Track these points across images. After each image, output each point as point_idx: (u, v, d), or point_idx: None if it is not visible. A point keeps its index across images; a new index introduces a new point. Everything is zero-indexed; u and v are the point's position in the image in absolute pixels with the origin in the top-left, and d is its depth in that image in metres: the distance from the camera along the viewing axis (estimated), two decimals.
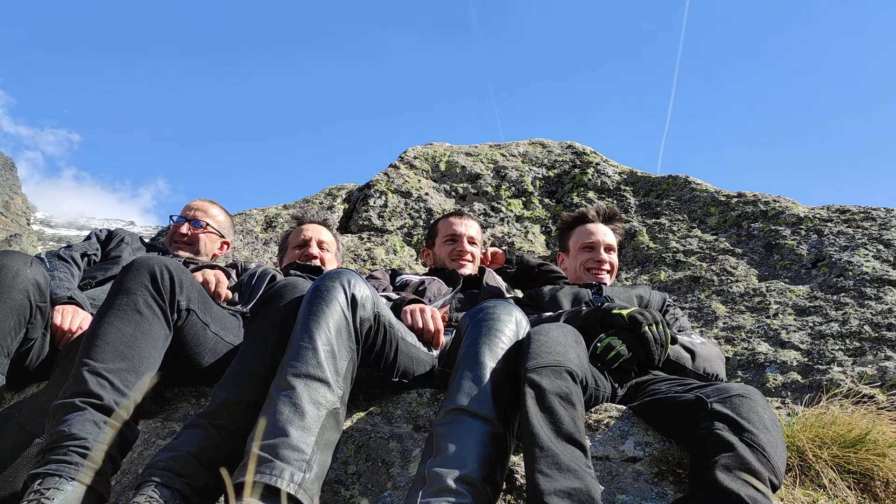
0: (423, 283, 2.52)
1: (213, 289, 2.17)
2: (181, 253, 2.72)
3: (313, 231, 2.78)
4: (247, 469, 1.34)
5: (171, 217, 2.87)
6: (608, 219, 2.72)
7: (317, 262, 2.67)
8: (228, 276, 2.30)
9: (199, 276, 2.18)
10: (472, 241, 2.88)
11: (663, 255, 3.65)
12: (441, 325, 2.04)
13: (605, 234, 2.65)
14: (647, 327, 1.87)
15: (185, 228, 2.77)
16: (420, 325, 1.99)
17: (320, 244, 2.74)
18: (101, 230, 2.75)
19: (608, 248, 2.63)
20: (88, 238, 2.69)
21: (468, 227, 2.91)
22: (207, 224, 2.83)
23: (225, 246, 2.92)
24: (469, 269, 2.82)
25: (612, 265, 2.62)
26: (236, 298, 2.30)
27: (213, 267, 2.26)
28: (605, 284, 2.53)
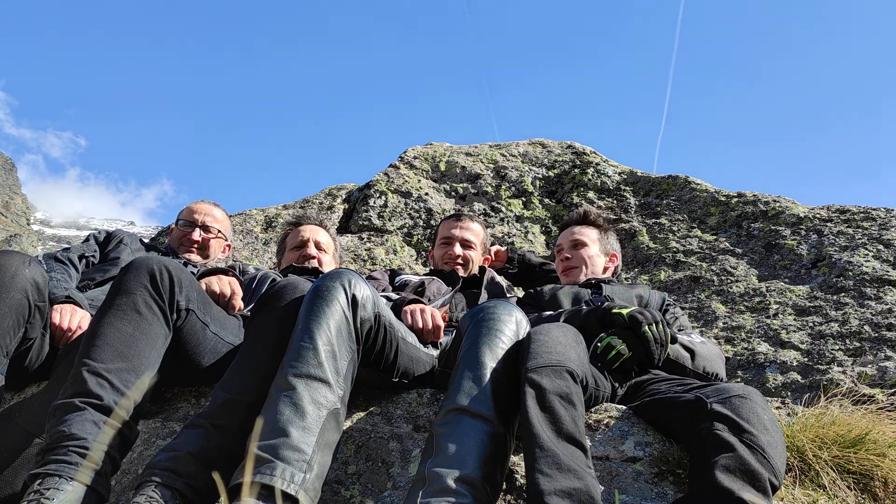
0: (422, 283, 2.51)
1: (227, 301, 2.05)
2: (192, 257, 2.72)
3: (311, 232, 2.78)
4: (246, 469, 1.34)
5: (177, 220, 2.86)
6: (580, 220, 2.75)
7: (314, 264, 2.67)
8: (241, 283, 2.17)
9: (213, 284, 2.05)
10: (466, 245, 2.82)
11: (663, 255, 3.65)
12: (441, 322, 2.03)
13: (573, 233, 2.70)
14: (647, 327, 1.86)
15: (196, 234, 2.75)
16: (420, 324, 1.99)
17: (317, 245, 2.74)
18: (99, 232, 2.75)
19: (574, 245, 2.66)
20: (87, 240, 2.69)
21: (463, 230, 2.85)
22: (219, 231, 2.83)
23: (227, 249, 2.93)
24: (461, 273, 2.77)
25: (579, 259, 2.63)
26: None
27: (225, 272, 2.15)
28: (583, 280, 2.56)
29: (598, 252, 2.67)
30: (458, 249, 2.80)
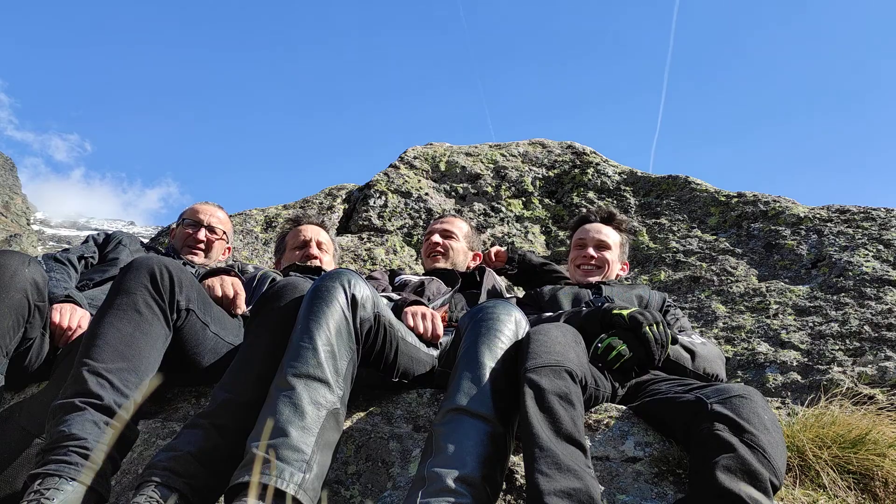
0: (422, 283, 2.51)
1: (229, 303, 2.04)
2: (195, 258, 2.72)
3: (312, 232, 2.78)
4: (249, 470, 1.34)
5: (181, 220, 2.86)
6: (606, 219, 2.72)
7: (316, 263, 2.68)
8: (243, 283, 2.16)
9: (215, 287, 2.04)
10: (447, 235, 2.85)
11: (663, 255, 3.65)
12: (441, 332, 2.03)
13: (599, 232, 2.66)
14: (647, 327, 1.86)
15: (202, 234, 2.75)
16: (420, 330, 1.98)
17: (319, 245, 2.75)
18: (98, 234, 2.76)
19: (599, 246, 2.63)
20: (86, 241, 2.69)
21: (443, 223, 2.91)
22: (223, 232, 2.83)
23: (227, 251, 2.93)
24: (441, 262, 2.79)
25: (603, 261, 2.60)
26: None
27: (227, 272, 2.14)
28: (594, 281, 2.53)
29: (617, 258, 2.67)
30: (436, 238, 2.83)
